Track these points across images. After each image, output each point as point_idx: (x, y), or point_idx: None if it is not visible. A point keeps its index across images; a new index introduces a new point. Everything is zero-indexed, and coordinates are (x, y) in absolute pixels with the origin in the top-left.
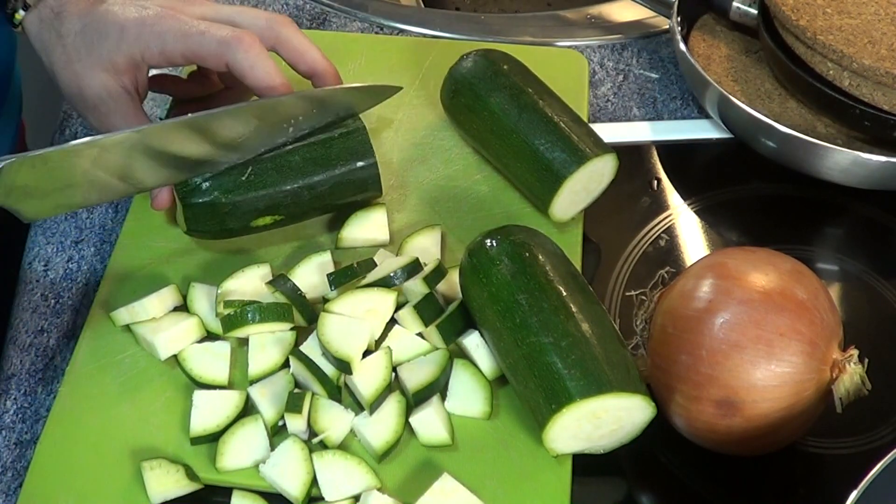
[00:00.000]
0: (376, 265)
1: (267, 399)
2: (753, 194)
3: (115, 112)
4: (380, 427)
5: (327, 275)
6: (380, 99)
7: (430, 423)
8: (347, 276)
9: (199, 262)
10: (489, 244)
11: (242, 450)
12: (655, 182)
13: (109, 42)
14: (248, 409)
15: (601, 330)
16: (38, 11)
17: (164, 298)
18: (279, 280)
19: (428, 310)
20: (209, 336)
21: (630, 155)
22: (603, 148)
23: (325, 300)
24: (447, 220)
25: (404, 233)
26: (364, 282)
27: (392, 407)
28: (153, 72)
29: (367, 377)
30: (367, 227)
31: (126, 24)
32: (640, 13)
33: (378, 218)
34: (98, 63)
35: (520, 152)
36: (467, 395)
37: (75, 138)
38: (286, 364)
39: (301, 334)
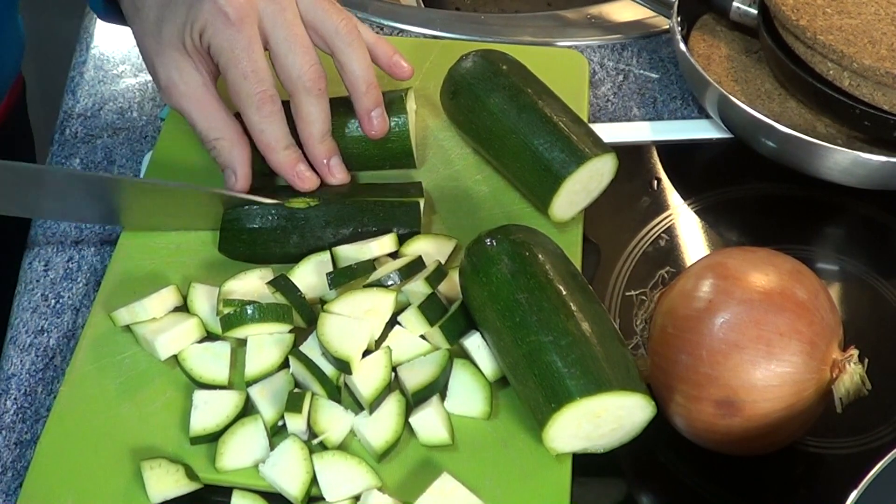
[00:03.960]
0: (376, 266)
1: (266, 399)
2: (753, 194)
3: (185, 96)
4: (379, 427)
5: (326, 274)
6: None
7: (429, 423)
8: (346, 275)
9: (199, 263)
10: (489, 243)
11: (242, 449)
12: (655, 182)
13: (178, 20)
14: (247, 409)
15: (601, 329)
16: None
17: (164, 298)
18: (279, 280)
19: (432, 310)
20: (209, 336)
21: (630, 155)
22: (602, 148)
23: (324, 302)
24: (447, 220)
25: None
26: (368, 280)
27: (392, 407)
28: None
29: (367, 377)
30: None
31: (195, 3)
32: (640, 13)
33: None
34: (169, 41)
35: (519, 152)
36: (467, 395)
37: (75, 138)
38: (285, 364)
39: (300, 335)
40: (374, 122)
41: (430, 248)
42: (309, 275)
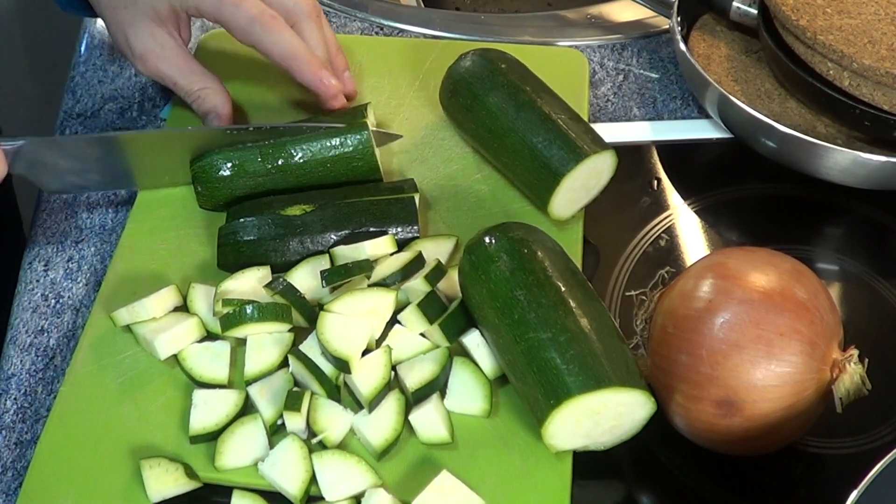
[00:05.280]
0: (373, 266)
1: (266, 398)
2: (753, 194)
3: (164, 59)
4: (379, 425)
5: (321, 272)
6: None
7: (429, 421)
8: (341, 274)
9: (199, 262)
10: (488, 241)
11: (241, 448)
12: (655, 182)
13: None
14: (247, 408)
15: (600, 325)
16: None
17: (164, 298)
18: (277, 282)
19: (432, 308)
20: (209, 336)
21: (630, 155)
22: (601, 145)
23: (321, 305)
24: (447, 219)
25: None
26: (371, 280)
27: (391, 405)
28: None
29: (367, 375)
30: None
31: None
32: (640, 13)
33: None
34: (143, 10)
35: (518, 151)
36: (467, 393)
37: None
38: (285, 363)
39: (299, 334)
40: (347, 83)
41: (429, 246)
42: (306, 277)
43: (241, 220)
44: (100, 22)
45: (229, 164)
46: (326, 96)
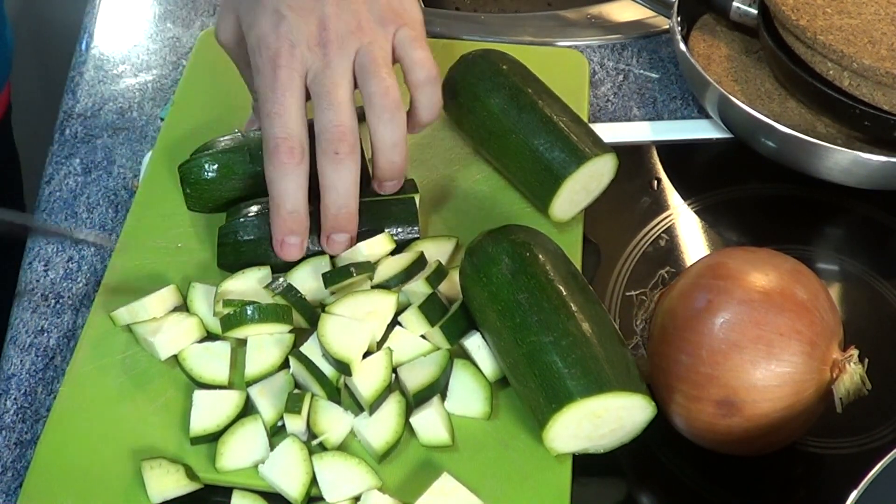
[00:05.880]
0: (374, 267)
1: (266, 399)
2: (753, 194)
3: (239, 61)
4: (380, 427)
5: (322, 274)
6: None
7: (430, 424)
8: (342, 275)
9: (199, 262)
10: (489, 244)
11: (242, 450)
12: (655, 182)
13: (244, 5)
14: (247, 409)
15: (601, 329)
16: None
17: (164, 298)
18: (277, 282)
19: (433, 310)
20: (209, 336)
21: (630, 155)
22: (602, 147)
23: (323, 306)
24: (447, 220)
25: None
26: (374, 282)
27: (392, 407)
28: None
29: (367, 378)
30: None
31: (273, 10)
32: (640, 13)
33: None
34: (230, 4)
35: (519, 152)
36: (467, 396)
37: (75, 138)
38: (285, 364)
39: (300, 336)
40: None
41: (430, 247)
42: (307, 278)
43: (241, 219)
44: (100, 22)
45: (216, 167)
46: (281, 256)
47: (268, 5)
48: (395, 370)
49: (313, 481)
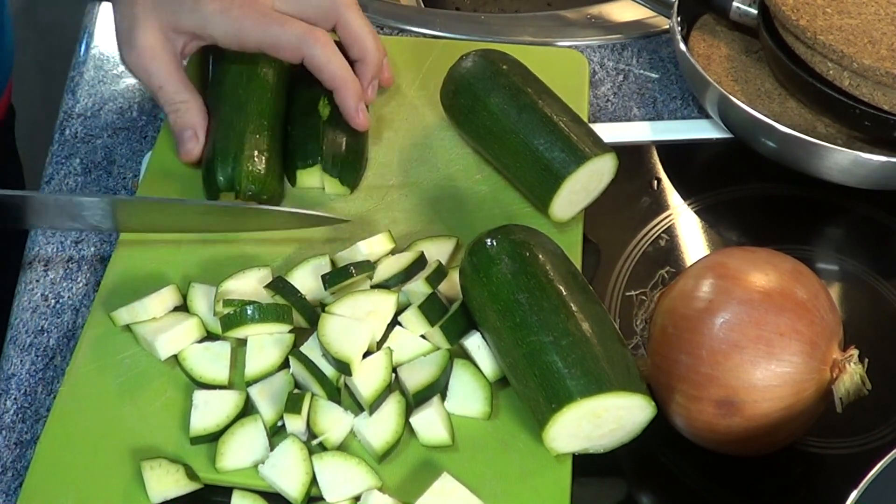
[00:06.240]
0: (373, 267)
1: (266, 399)
2: (753, 194)
3: (158, 59)
4: (380, 427)
5: (322, 275)
6: (319, 224)
7: (430, 424)
8: (342, 276)
9: (199, 262)
10: (489, 243)
11: (242, 450)
12: (655, 182)
13: (183, 7)
14: (247, 409)
15: (601, 329)
16: None
17: (164, 298)
18: (277, 282)
19: (433, 310)
20: (209, 336)
21: (630, 155)
22: (602, 147)
23: (323, 306)
24: (447, 220)
25: (405, 232)
26: (374, 282)
27: (392, 407)
28: None
29: (367, 378)
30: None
31: None
32: (640, 13)
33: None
34: (159, 19)
35: (519, 152)
36: (467, 396)
37: (75, 138)
38: (285, 364)
39: (300, 335)
40: (370, 90)
41: (430, 248)
42: (307, 278)
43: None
44: (100, 22)
45: None
46: (355, 125)
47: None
48: (395, 370)
49: (313, 481)
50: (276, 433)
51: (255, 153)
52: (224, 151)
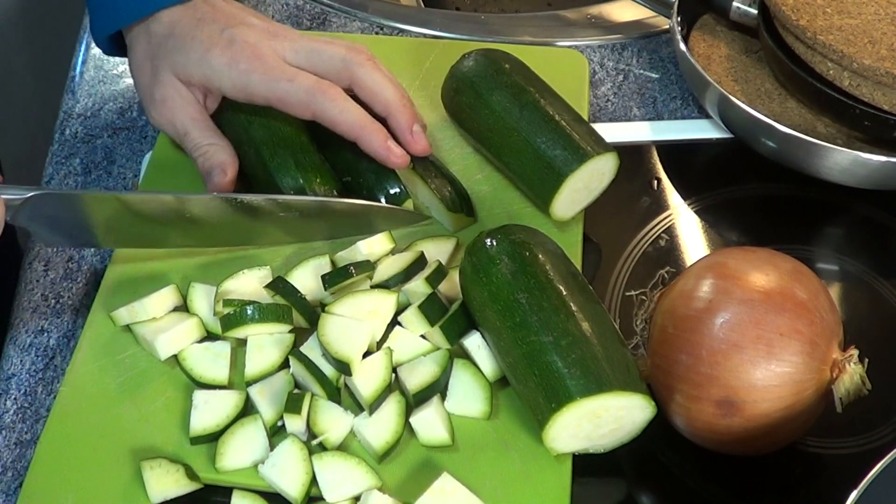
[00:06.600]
0: (373, 266)
1: (266, 399)
2: (753, 194)
3: (180, 109)
4: (380, 427)
5: (322, 276)
6: (404, 224)
7: (430, 424)
8: (342, 276)
9: (199, 262)
10: (489, 243)
11: (242, 450)
12: (655, 182)
13: (190, 59)
14: (247, 409)
15: (601, 329)
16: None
17: (164, 298)
18: (277, 283)
19: (433, 310)
20: (209, 336)
21: (630, 155)
22: (604, 146)
23: (323, 306)
24: None
25: (405, 232)
26: (374, 282)
27: (392, 407)
28: None
29: (367, 377)
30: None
31: (210, 50)
32: (640, 13)
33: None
34: (173, 69)
35: (521, 151)
36: (467, 395)
37: (75, 138)
38: (285, 364)
39: (300, 335)
40: (416, 138)
41: (430, 247)
42: (307, 278)
43: None
44: None
45: None
46: (394, 165)
47: (212, 38)
48: (395, 370)
49: (313, 481)
50: (276, 433)
51: (312, 157)
52: (283, 165)
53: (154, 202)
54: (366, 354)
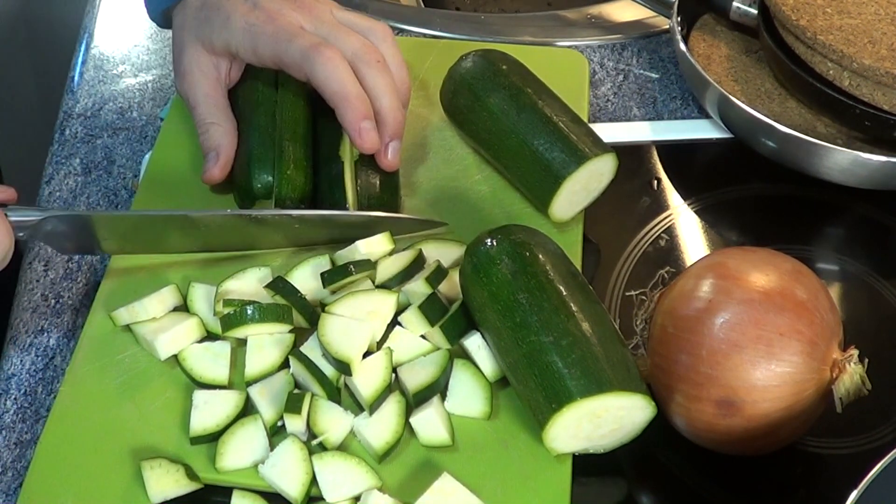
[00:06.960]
0: (373, 265)
1: (266, 399)
2: (753, 194)
3: (196, 83)
4: (380, 427)
5: (321, 273)
6: (415, 230)
7: (430, 424)
8: (341, 274)
9: (199, 262)
10: (489, 244)
11: (242, 450)
12: (655, 182)
13: (213, 26)
14: (247, 409)
15: (601, 329)
16: None
17: (164, 298)
18: (277, 283)
19: (433, 310)
20: (209, 336)
21: (630, 155)
22: (602, 147)
23: (323, 306)
24: (447, 220)
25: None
26: (376, 282)
27: (392, 407)
28: None
29: (367, 378)
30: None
31: (231, 16)
32: (640, 13)
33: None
34: (198, 38)
35: (519, 152)
36: (467, 395)
37: (75, 138)
38: (285, 364)
39: (300, 335)
40: (388, 152)
41: (434, 250)
42: (307, 278)
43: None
44: (100, 22)
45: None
46: (360, 148)
47: (237, 6)
48: (395, 370)
49: (313, 481)
50: (276, 433)
51: (293, 161)
52: (261, 159)
53: (167, 221)
54: (366, 354)
